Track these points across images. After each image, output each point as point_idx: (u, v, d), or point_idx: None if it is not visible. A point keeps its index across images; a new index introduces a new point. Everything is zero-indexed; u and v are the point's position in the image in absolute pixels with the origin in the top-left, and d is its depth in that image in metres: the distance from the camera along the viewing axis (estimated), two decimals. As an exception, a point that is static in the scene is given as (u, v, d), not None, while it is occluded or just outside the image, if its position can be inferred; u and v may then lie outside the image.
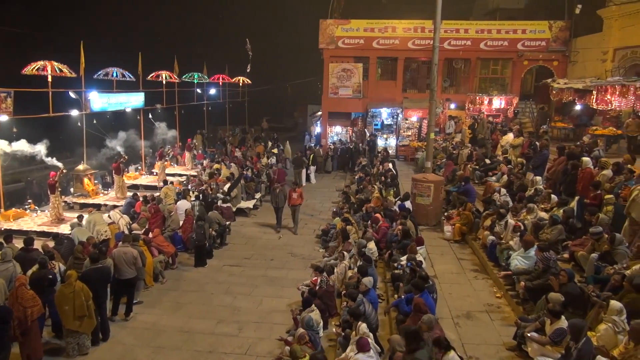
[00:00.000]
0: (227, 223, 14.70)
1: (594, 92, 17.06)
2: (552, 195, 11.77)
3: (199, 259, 12.56)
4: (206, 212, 14.19)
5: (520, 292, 8.66)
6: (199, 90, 27.77)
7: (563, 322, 6.53)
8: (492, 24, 25.84)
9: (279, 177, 19.93)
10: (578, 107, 20.56)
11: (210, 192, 16.45)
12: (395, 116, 25.97)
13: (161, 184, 18.12)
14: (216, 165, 20.95)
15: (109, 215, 13.62)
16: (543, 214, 10.90)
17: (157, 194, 16.00)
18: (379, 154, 22.47)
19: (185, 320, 9.56)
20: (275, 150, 25.14)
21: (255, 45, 31.48)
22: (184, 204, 14.45)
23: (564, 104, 21.64)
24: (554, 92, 20.32)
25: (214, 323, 9.45)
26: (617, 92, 15.88)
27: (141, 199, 15.28)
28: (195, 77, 26.25)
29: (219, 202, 15.47)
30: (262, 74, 37.43)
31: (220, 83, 29.27)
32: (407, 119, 25.49)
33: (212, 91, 30.04)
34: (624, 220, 9.11)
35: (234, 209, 16.44)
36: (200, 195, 16.16)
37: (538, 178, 12.93)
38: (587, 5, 21.90)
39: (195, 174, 20.91)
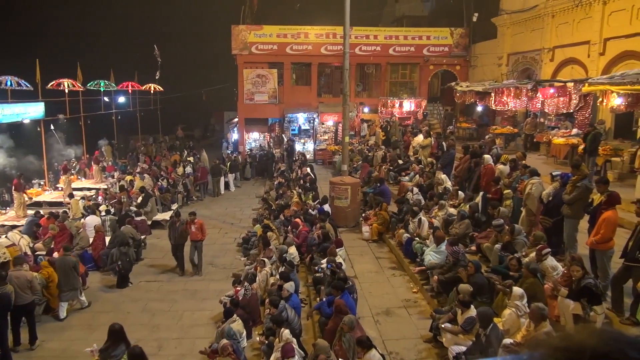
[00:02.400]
0: (142, 237, 14.08)
1: (492, 94, 18.42)
2: (460, 192, 12.55)
3: (122, 281, 11.75)
4: (119, 226, 13.52)
5: (434, 286, 9.12)
6: (106, 99, 26.41)
7: (472, 311, 6.97)
8: (399, 31, 27.06)
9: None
10: (479, 108, 22.11)
11: (123, 206, 15.66)
12: (311, 121, 26.33)
13: (67, 199, 16.98)
14: (129, 177, 20.02)
15: (7, 237, 12.51)
16: (452, 210, 11.58)
17: (63, 210, 14.98)
18: (297, 159, 22.65)
19: (98, 344, 8.97)
20: (191, 159, 24.47)
21: (166, 51, 30.55)
22: (93, 220, 13.64)
23: (467, 105, 23.18)
24: (458, 94, 21.70)
25: (130, 344, 8.98)
26: (512, 94, 17.27)
27: (46, 216, 14.21)
28: (102, 84, 24.91)
29: (134, 216, 14.78)
30: (175, 80, 36.40)
31: (130, 91, 28.04)
32: (323, 124, 25.94)
33: (121, 99, 28.68)
34: (522, 212, 9.93)
35: (149, 222, 15.78)
36: (112, 210, 15.33)
37: (444, 176, 13.72)
38: (483, 14, 23.63)
39: (106, 187, 19.82)
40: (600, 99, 13.33)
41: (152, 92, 29.95)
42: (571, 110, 15.39)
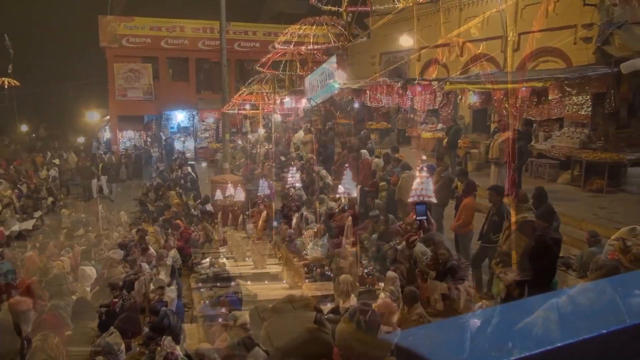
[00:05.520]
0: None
1: (367, 92, 19.36)
2: (339, 186, 13.00)
3: None
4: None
5: (317, 279, 9.38)
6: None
7: (353, 300, 7.29)
8: (278, 27, 27.16)
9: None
10: (356, 104, 23.08)
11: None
12: (191, 118, 25.50)
13: None
14: (-21, 183, 17.69)
15: None
16: (333, 204, 11.97)
17: None
18: (177, 158, 21.81)
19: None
20: (56, 161, 22.32)
21: (23, 41, 27.44)
22: None
23: (345, 102, 24.03)
24: (336, 91, 22.42)
25: None
26: (385, 92, 18.31)
27: None
28: (-60, 78, 21.68)
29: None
30: (35, 74, 32.85)
31: (-23, 85, 24.74)
32: (203, 121, 25.28)
33: (-33, 95, 25.22)
34: (396, 203, 10.61)
35: (7, 233, 14.09)
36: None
37: (324, 172, 14.17)
38: (358, 14, 24.64)
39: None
40: (460, 97, 14.71)
41: (6, 86, 26.67)
42: (436, 107, 16.74)
